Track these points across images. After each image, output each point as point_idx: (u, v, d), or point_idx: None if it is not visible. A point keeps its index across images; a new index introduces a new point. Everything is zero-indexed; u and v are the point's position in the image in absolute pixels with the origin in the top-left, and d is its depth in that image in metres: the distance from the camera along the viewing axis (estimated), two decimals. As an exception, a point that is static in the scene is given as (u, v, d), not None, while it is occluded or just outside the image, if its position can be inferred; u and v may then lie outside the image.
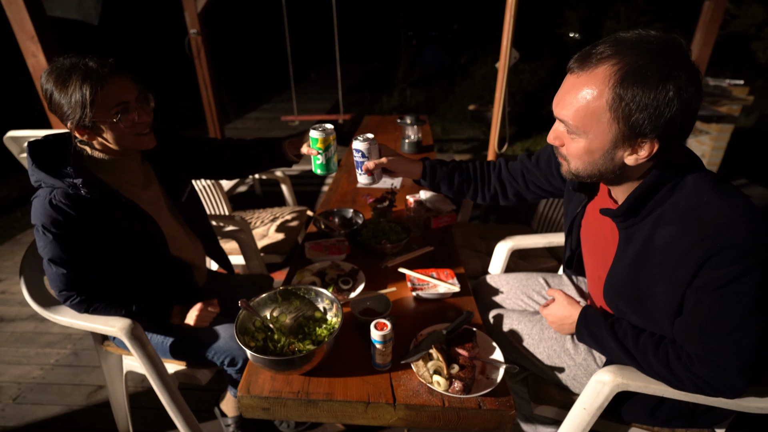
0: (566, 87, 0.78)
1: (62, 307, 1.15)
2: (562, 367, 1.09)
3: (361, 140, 1.17)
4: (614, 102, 0.71)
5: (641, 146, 0.75)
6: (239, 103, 7.67)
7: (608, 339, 0.91)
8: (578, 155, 0.81)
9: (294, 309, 1.07)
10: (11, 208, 3.71)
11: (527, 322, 1.17)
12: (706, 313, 0.76)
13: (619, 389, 0.90)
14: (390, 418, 0.87)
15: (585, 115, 0.75)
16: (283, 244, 2.00)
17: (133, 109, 1.01)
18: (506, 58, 2.48)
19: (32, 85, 2.18)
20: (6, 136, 2.05)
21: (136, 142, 1.06)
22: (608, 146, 0.76)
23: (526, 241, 1.52)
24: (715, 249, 0.72)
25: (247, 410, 0.90)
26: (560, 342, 1.10)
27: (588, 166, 0.81)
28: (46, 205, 0.97)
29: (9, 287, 2.49)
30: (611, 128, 0.74)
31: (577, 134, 0.78)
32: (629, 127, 0.72)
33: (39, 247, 1.02)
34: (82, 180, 0.99)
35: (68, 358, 1.92)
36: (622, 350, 0.89)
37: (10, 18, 2.07)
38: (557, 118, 0.82)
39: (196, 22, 3.77)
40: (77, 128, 0.98)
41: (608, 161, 0.79)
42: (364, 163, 1.17)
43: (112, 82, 0.97)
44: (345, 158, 2.40)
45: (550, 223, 1.90)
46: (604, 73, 0.71)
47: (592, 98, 0.73)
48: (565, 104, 0.77)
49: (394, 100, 7.49)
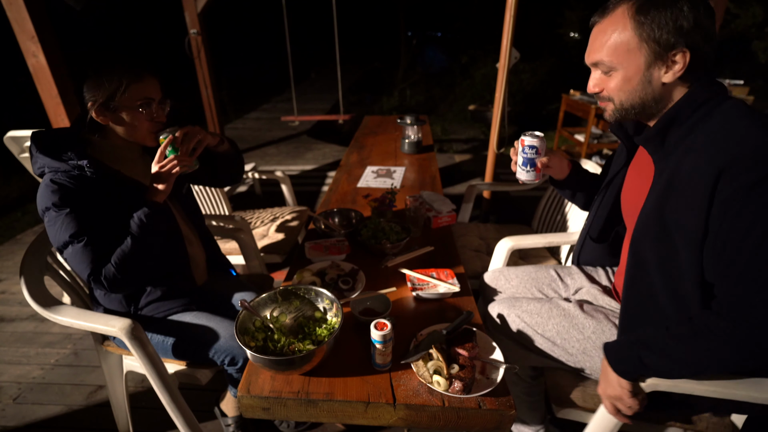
0: (593, 36, 0.88)
1: (62, 307, 1.15)
2: (572, 343, 1.07)
3: (534, 137, 1.15)
4: (637, 28, 0.81)
5: (674, 60, 0.81)
6: (239, 103, 7.68)
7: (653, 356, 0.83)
8: (619, 87, 0.87)
9: (294, 309, 1.07)
10: (11, 208, 3.71)
11: (536, 303, 1.15)
12: (731, 236, 0.73)
13: (650, 390, 0.88)
14: (390, 418, 0.87)
15: (616, 49, 0.84)
16: (283, 244, 2.00)
17: (155, 106, 1.12)
18: (506, 58, 2.48)
19: (32, 85, 2.18)
20: (6, 136, 2.06)
21: (146, 137, 1.13)
22: (643, 68, 0.83)
23: (526, 241, 1.52)
24: (726, 162, 0.72)
25: (247, 410, 0.90)
26: (569, 318, 1.09)
27: (630, 95, 0.87)
28: (50, 184, 1.02)
29: (9, 287, 2.49)
30: (641, 51, 0.82)
31: (614, 68, 0.86)
32: (657, 44, 0.80)
33: (53, 234, 1.02)
34: (87, 161, 1.04)
35: (68, 358, 1.92)
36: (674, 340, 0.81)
37: (10, 18, 2.07)
38: (591, 65, 0.91)
39: (196, 22, 3.77)
40: (99, 109, 1.06)
41: (647, 85, 0.85)
42: (536, 159, 1.15)
43: (147, 79, 1.09)
44: (345, 158, 2.40)
45: (550, 223, 1.90)
46: (623, 10, 0.83)
47: (618, 33, 0.83)
48: (596, 48, 0.87)
49: (394, 100, 7.50)
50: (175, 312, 1.25)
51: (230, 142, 1.34)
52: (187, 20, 3.78)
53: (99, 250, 1.04)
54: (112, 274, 1.05)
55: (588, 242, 1.28)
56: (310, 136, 5.82)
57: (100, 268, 1.04)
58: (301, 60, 5.96)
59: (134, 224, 1.07)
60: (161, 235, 1.13)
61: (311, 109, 7.04)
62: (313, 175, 4.35)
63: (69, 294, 1.28)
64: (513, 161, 1.21)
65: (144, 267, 1.11)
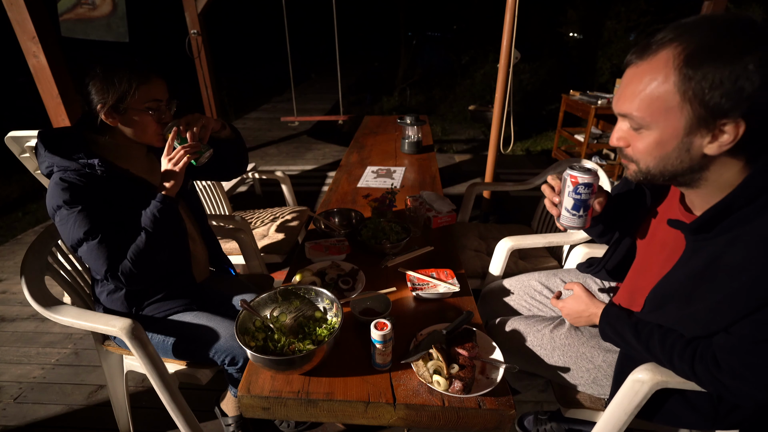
0: (626, 80, 0.71)
1: (63, 307, 1.15)
2: (580, 373, 1.06)
3: (587, 172, 0.89)
4: (683, 83, 0.64)
5: (722, 129, 0.65)
6: (239, 104, 7.68)
7: (632, 339, 0.88)
8: (648, 150, 0.72)
9: (294, 309, 1.07)
10: (12, 208, 3.71)
11: (536, 332, 1.12)
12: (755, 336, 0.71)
13: (658, 387, 0.88)
14: (390, 418, 0.87)
15: (651, 104, 0.68)
16: (283, 244, 2.00)
17: (162, 108, 1.13)
18: (507, 59, 2.48)
19: (33, 86, 2.18)
20: (7, 137, 2.06)
21: (153, 138, 1.15)
22: (682, 134, 0.67)
23: (526, 241, 1.52)
24: None
25: (247, 410, 0.91)
26: (574, 347, 1.07)
27: (660, 161, 0.72)
28: (60, 183, 1.02)
29: (10, 287, 2.49)
30: (683, 113, 0.66)
31: (645, 127, 0.70)
32: (704, 108, 0.63)
33: (66, 232, 1.02)
34: (98, 160, 1.05)
35: (69, 358, 1.93)
36: (646, 351, 0.87)
37: (11, 18, 2.07)
38: (619, 115, 0.75)
39: (196, 23, 3.78)
40: (108, 111, 1.06)
41: (683, 153, 0.69)
42: (590, 200, 0.91)
43: (154, 81, 1.09)
44: (345, 158, 2.40)
45: (550, 223, 1.91)
46: (667, 56, 0.65)
47: (656, 84, 0.66)
48: (626, 97, 0.71)
49: (394, 100, 7.50)
50: (176, 312, 1.25)
51: (232, 128, 1.34)
52: (187, 20, 3.78)
53: (114, 246, 1.05)
54: (129, 269, 1.06)
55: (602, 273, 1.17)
56: (310, 136, 5.82)
57: (116, 264, 1.05)
58: (301, 60, 5.97)
59: (147, 219, 1.08)
60: (174, 228, 1.14)
61: (311, 110, 7.04)
62: (313, 175, 4.35)
63: (69, 294, 1.29)
64: (552, 202, 0.98)
65: (158, 261, 1.12)
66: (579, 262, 1.40)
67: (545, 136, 5.53)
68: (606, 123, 4.23)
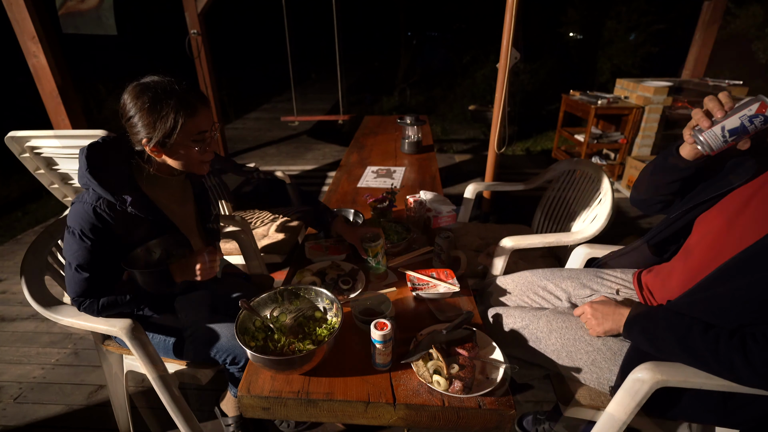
0: None
1: (63, 307, 1.15)
2: (579, 355, 1.06)
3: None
4: None
5: None
6: (239, 104, 7.68)
7: (664, 333, 0.87)
8: None
9: (294, 309, 1.07)
10: (12, 208, 3.72)
11: (533, 317, 1.14)
12: None
13: (659, 386, 0.88)
14: (390, 418, 0.87)
15: None
16: (283, 244, 2.00)
17: (209, 138, 1.07)
18: (507, 59, 2.48)
19: (33, 85, 2.19)
20: (7, 137, 2.06)
21: (198, 167, 1.10)
22: None
23: (526, 241, 1.52)
24: None
25: (247, 410, 0.91)
26: (572, 330, 1.07)
27: None
28: (90, 212, 1.00)
29: (10, 287, 2.50)
30: None
31: None
32: None
33: (68, 250, 1.02)
34: (132, 199, 1.03)
35: (69, 358, 1.93)
36: (679, 345, 0.85)
37: (11, 18, 2.07)
38: None
39: (196, 23, 3.78)
40: (154, 146, 1.02)
41: None
42: (751, 134, 0.85)
43: (201, 112, 1.03)
44: (345, 158, 2.40)
45: (550, 223, 1.91)
46: None
47: None
48: None
49: (394, 100, 7.50)
50: (176, 311, 1.25)
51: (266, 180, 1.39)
52: (187, 20, 3.78)
53: (95, 287, 1.06)
54: (95, 309, 1.08)
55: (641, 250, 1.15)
56: (310, 136, 5.83)
57: (85, 299, 1.06)
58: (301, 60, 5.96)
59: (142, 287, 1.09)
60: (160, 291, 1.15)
61: (311, 110, 7.04)
62: (313, 175, 4.35)
63: (69, 294, 1.29)
64: (710, 112, 0.88)
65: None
66: (580, 262, 1.41)
67: (545, 136, 5.53)
68: (606, 123, 4.22)
